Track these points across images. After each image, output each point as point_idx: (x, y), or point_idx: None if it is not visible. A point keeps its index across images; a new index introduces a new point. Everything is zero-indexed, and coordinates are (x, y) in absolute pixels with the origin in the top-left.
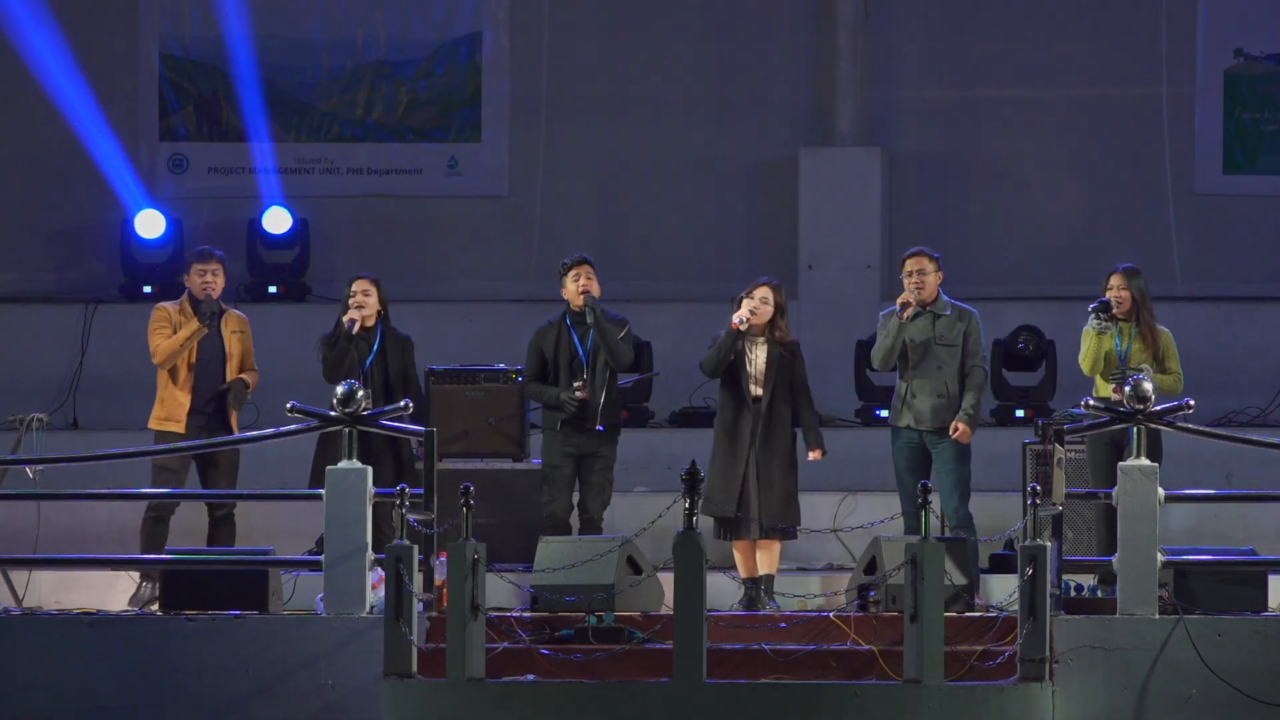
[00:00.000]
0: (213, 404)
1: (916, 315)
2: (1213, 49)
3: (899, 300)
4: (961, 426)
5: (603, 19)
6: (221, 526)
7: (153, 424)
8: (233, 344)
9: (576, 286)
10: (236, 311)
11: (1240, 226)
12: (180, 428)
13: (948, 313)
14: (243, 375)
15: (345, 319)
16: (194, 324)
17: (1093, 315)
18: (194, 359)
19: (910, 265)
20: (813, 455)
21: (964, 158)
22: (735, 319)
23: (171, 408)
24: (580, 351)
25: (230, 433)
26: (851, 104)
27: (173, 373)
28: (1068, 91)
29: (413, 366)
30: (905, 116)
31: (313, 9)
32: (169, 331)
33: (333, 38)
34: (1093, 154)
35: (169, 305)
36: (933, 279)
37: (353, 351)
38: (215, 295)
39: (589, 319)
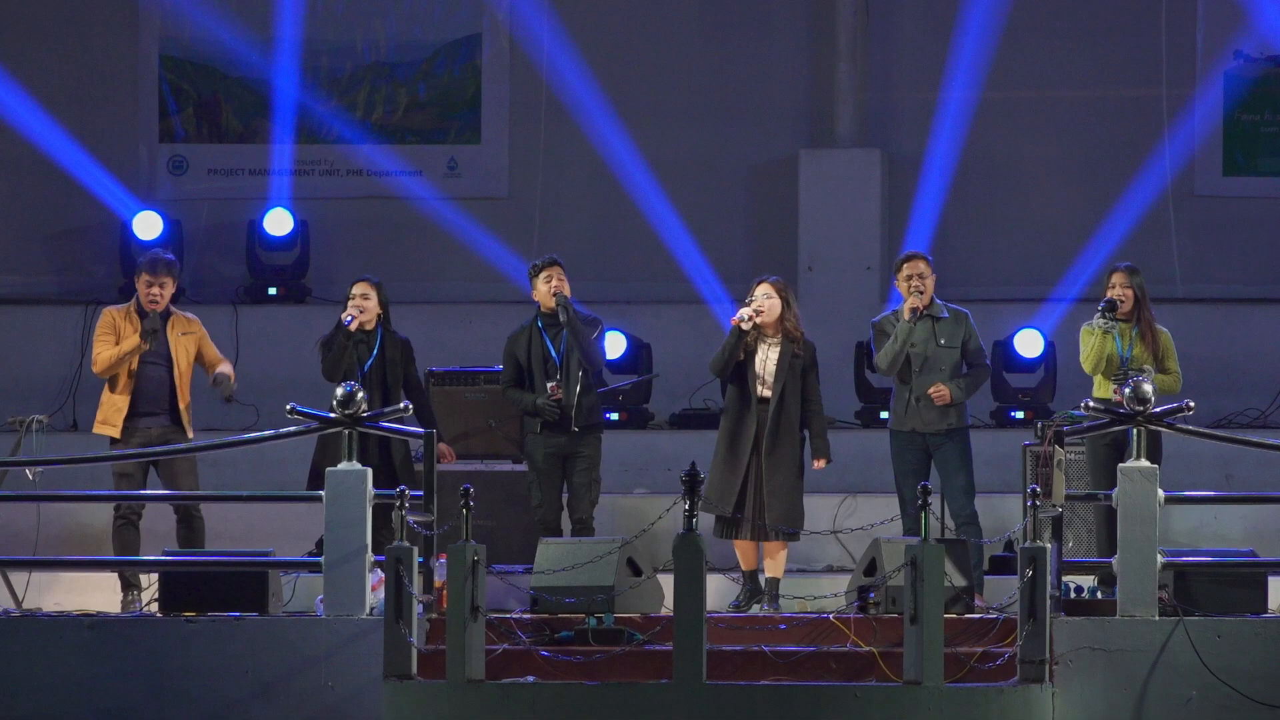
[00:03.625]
0: (160, 406)
1: (917, 319)
2: (1213, 49)
3: (907, 305)
4: (943, 388)
5: (602, 20)
6: (189, 525)
7: (95, 428)
8: (180, 349)
9: (548, 288)
10: (185, 314)
11: (1240, 227)
12: (115, 432)
13: (945, 315)
14: (220, 369)
15: (344, 315)
16: (134, 339)
17: (1099, 315)
18: (133, 366)
19: (909, 269)
20: (818, 464)
21: (964, 158)
22: (738, 317)
23: (107, 412)
24: (554, 353)
25: (184, 434)
26: (851, 105)
27: (113, 378)
28: (1068, 92)
29: (415, 368)
30: (905, 117)
31: (313, 11)
32: (112, 340)
33: (332, 39)
34: (1093, 154)
35: (115, 310)
36: (930, 281)
37: (351, 351)
38: (160, 308)
39: (561, 318)
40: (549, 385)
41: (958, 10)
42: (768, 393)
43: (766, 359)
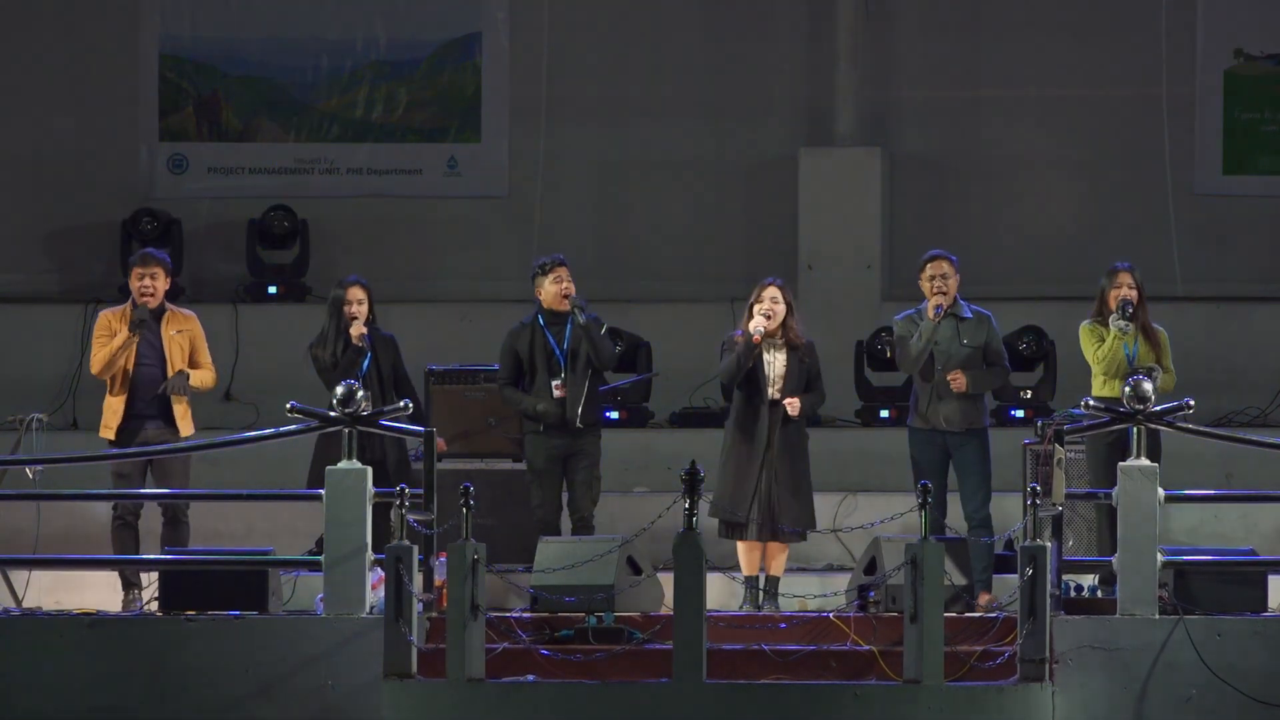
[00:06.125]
0: (154, 408)
1: (940, 318)
2: (1213, 49)
3: (931, 304)
4: (960, 375)
5: (602, 19)
6: (174, 527)
7: (100, 431)
8: (173, 347)
9: (559, 288)
10: (183, 310)
11: (1240, 226)
12: (111, 434)
13: (968, 315)
14: (183, 368)
15: (354, 335)
16: (123, 334)
17: (1119, 316)
18: (130, 365)
19: (932, 269)
20: (788, 401)
21: (964, 158)
22: (753, 330)
23: (107, 416)
24: (557, 351)
25: (177, 435)
26: (851, 104)
27: (111, 380)
28: (1068, 91)
29: (403, 365)
30: (905, 116)
31: (313, 9)
32: (107, 340)
33: (333, 38)
34: (1093, 154)
35: (110, 312)
36: (953, 282)
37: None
38: (155, 300)
39: (578, 320)
40: (554, 383)
41: (958, 9)
42: (780, 396)
43: (774, 361)
